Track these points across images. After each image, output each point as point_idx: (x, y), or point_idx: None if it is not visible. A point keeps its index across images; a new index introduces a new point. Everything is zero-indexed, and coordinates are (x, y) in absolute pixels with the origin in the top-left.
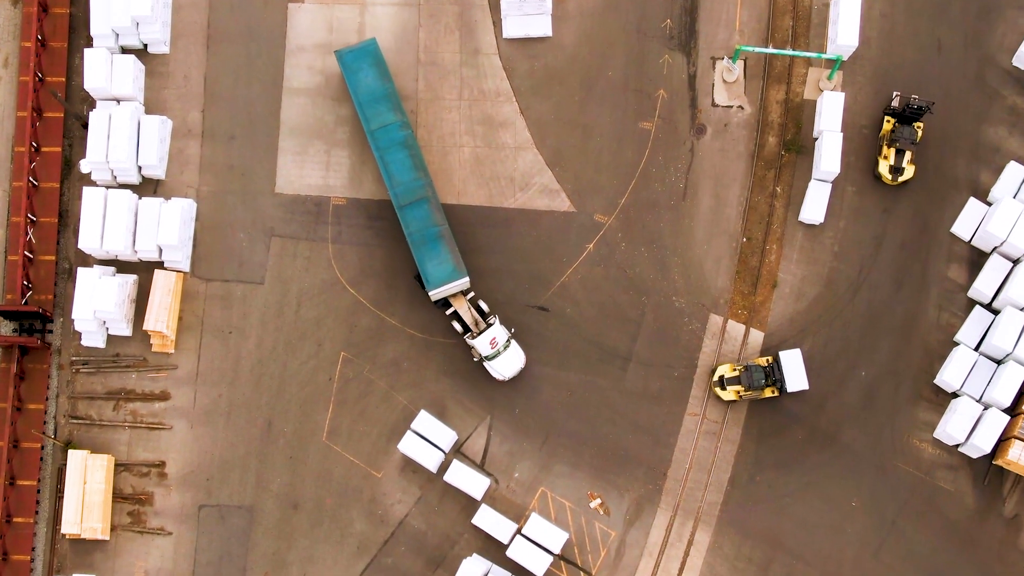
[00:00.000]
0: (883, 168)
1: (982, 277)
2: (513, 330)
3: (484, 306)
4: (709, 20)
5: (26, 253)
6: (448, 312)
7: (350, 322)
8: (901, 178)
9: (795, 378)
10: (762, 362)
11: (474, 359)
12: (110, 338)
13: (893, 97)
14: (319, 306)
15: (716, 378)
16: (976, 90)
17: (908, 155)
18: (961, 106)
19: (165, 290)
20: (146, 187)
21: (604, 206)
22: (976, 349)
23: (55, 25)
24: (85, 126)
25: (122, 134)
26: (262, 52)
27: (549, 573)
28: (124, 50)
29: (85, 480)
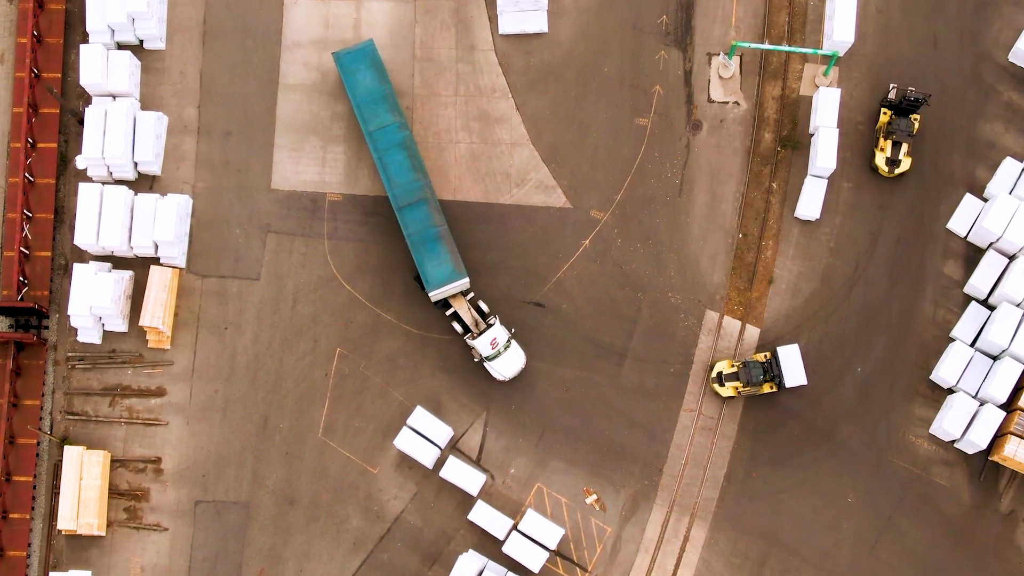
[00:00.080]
0: (879, 160)
1: (978, 273)
2: (513, 330)
3: (484, 306)
4: (705, 16)
5: (22, 249)
6: (448, 313)
7: (346, 318)
8: (897, 170)
9: (793, 373)
10: (760, 358)
11: (474, 359)
12: (106, 334)
13: (890, 89)
14: (315, 302)
15: (714, 374)
16: (972, 86)
17: (905, 147)
18: (957, 102)
19: (161, 286)
20: (142, 183)
21: (600, 202)
22: (972, 345)
23: (51, 21)
24: (81, 122)
25: (118, 130)
26: (258, 48)
27: (545, 569)
28: (120, 46)
29: (81, 476)
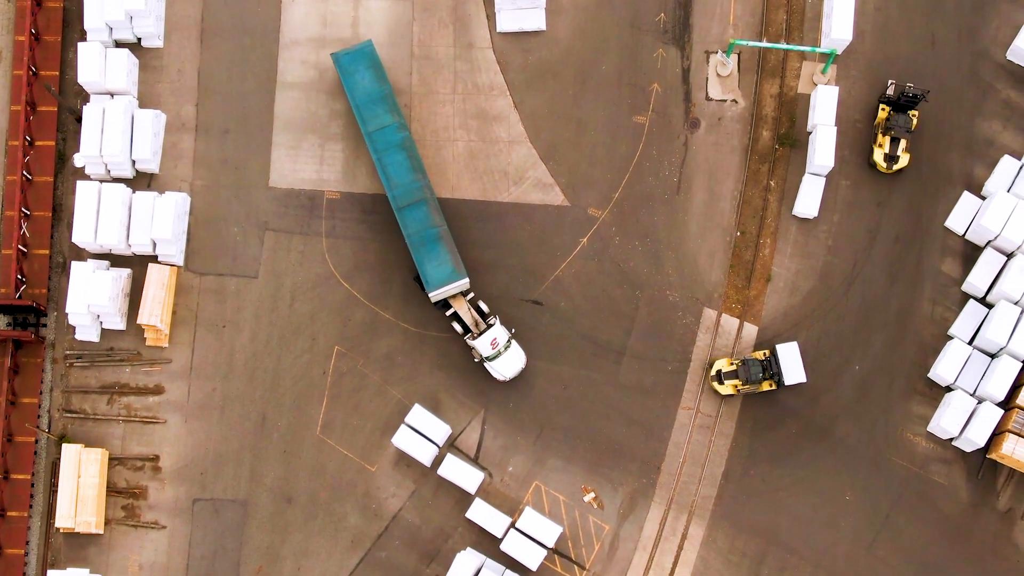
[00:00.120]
0: (878, 156)
1: (976, 271)
2: (513, 330)
3: (484, 307)
4: (703, 14)
5: (20, 247)
6: (448, 313)
7: (344, 316)
8: (896, 166)
9: (792, 371)
10: (759, 356)
11: (475, 360)
12: (104, 332)
13: (888, 85)
14: (313, 300)
15: (713, 372)
16: (970, 84)
17: (903, 143)
18: (955, 100)
19: (159, 284)
20: (140, 181)
21: (598, 200)
22: (970, 343)
23: (49, 19)
24: (79, 120)
25: (116, 128)
26: (256, 46)
27: (543, 567)
28: (118, 44)
29: (79, 474)
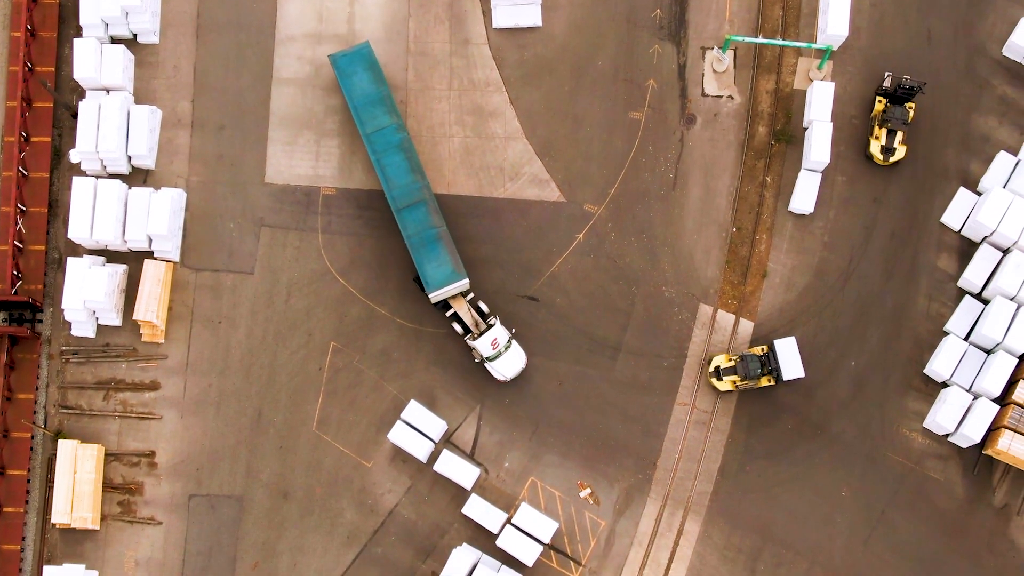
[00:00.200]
0: (874, 148)
1: (972, 267)
2: (514, 330)
3: (484, 307)
4: (699, 10)
5: (16, 243)
6: (448, 314)
7: (340, 312)
8: (892, 158)
9: (791, 366)
10: (757, 351)
11: (475, 360)
12: (100, 328)
13: (885, 77)
14: (309, 296)
15: (712, 369)
16: (966, 80)
17: (899, 135)
18: (951, 96)
19: (155, 280)
20: (136, 177)
21: (594, 196)
22: (966, 339)
23: (44, 15)
24: (75, 116)
25: (112, 124)
26: (252, 42)
27: (539, 563)
28: (114, 40)
29: (75, 470)
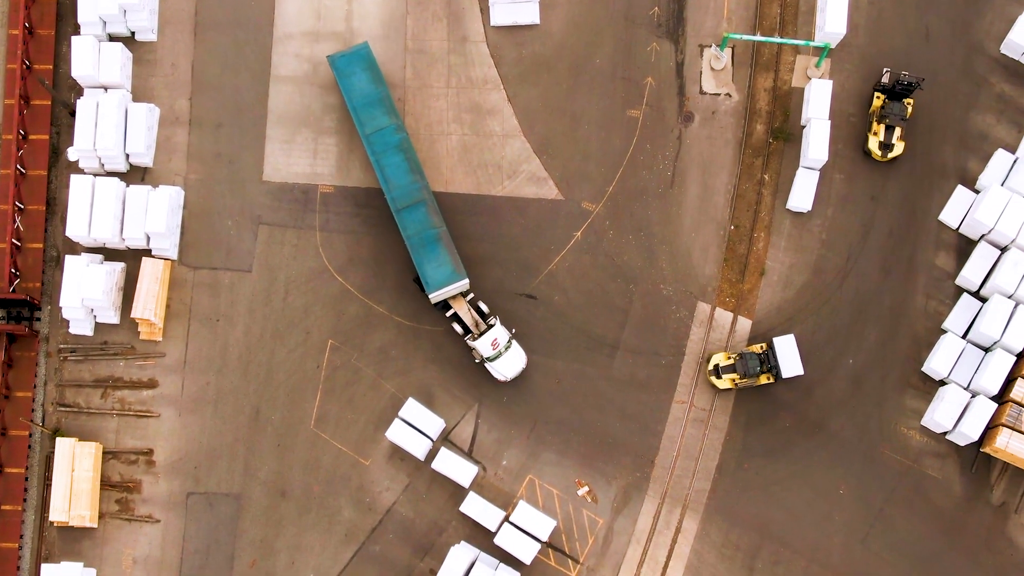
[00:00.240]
0: (872, 144)
1: (970, 265)
2: (514, 330)
3: (484, 307)
4: (697, 8)
5: (14, 241)
6: (448, 314)
7: (338, 310)
8: (891, 154)
9: (790, 364)
10: (756, 349)
11: (475, 360)
12: (98, 326)
13: (883, 73)
14: (307, 294)
15: (711, 367)
16: (964, 78)
17: (898, 131)
18: (949, 94)
19: (153, 278)
20: (134, 175)
21: (592, 194)
22: (964, 337)
23: (42, 12)
24: (73, 114)
25: (109, 122)
26: (249, 40)
27: (537, 560)
28: (112, 38)
29: (73, 468)
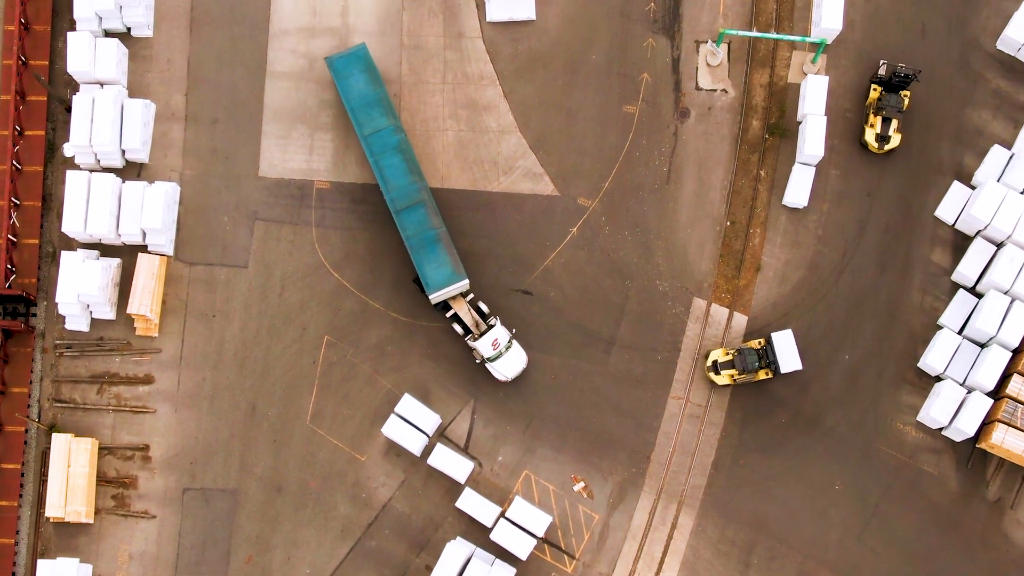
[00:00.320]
0: (869, 136)
1: (966, 261)
2: (515, 330)
3: (484, 307)
4: (693, 3)
5: (9, 237)
6: (448, 315)
7: (334, 306)
8: (887, 146)
9: (788, 359)
10: (755, 344)
11: (476, 360)
12: (94, 322)
13: (880, 65)
14: (303, 290)
15: (709, 363)
16: (960, 73)
17: (895, 123)
18: (945, 89)
19: (149, 274)
20: (129, 171)
21: (588, 190)
22: (960, 333)
23: (38, 8)
24: (68, 110)
25: (105, 118)
26: (245, 36)
27: (533, 556)
28: (107, 33)
29: (69, 463)
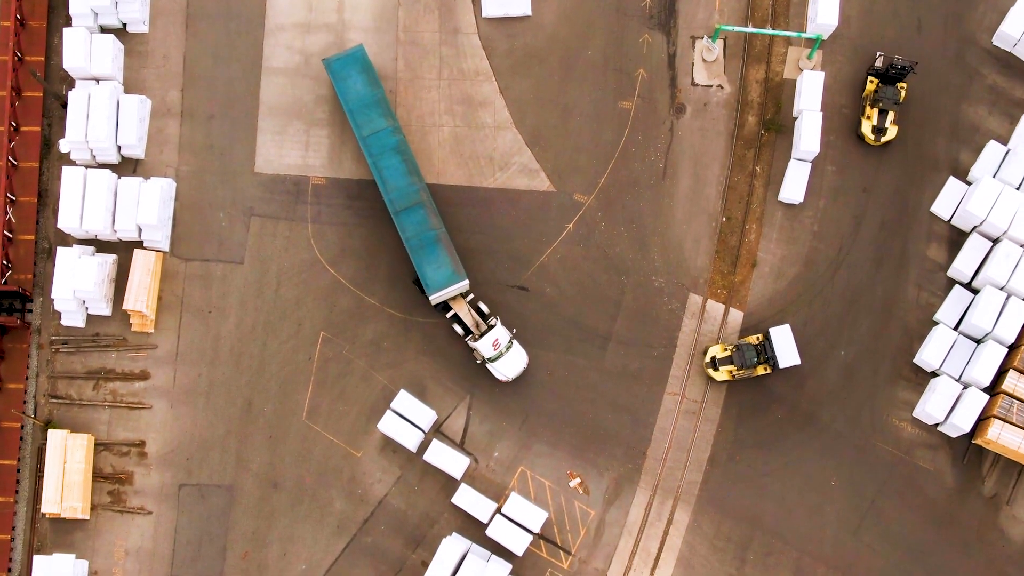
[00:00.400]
0: (866, 128)
1: (962, 256)
2: (515, 330)
3: (484, 308)
4: None
5: (5, 233)
6: (448, 315)
7: (330, 302)
8: (884, 138)
9: (786, 354)
10: (753, 340)
11: (476, 361)
12: (90, 318)
13: (877, 57)
14: (298, 286)
15: (707, 359)
16: (956, 69)
17: (891, 115)
18: (941, 85)
19: (144, 270)
20: (125, 167)
21: (584, 186)
22: (956, 328)
23: (34, 4)
24: (64, 106)
25: (101, 114)
26: (241, 31)
27: (529, 552)
28: (103, 29)
29: (65, 459)
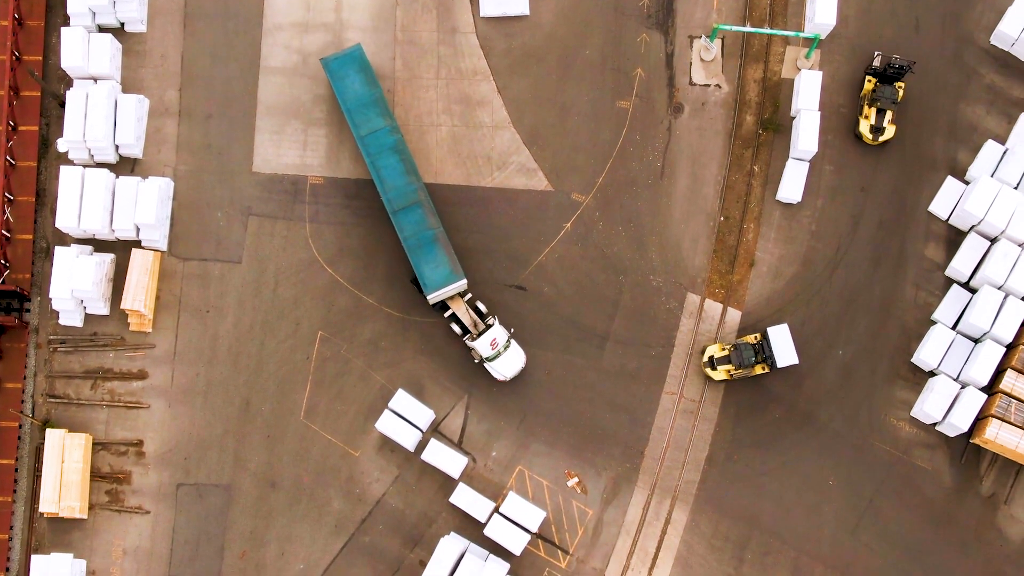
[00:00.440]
0: (864, 128)
1: (959, 256)
2: (513, 330)
3: (482, 307)
4: None
5: (3, 232)
6: (447, 315)
7: (327, 301)
8: (882, 138)
9: (784, 353)
10: (751, 339)
11: (474, 360)
12: (88, 317)
13: (875, 56)
14: (296, 285)
15: (706, 359)
16: (954, 69)
17: (889, 115)
18: (939, 85)
19: (142, 269)
20: (123, 166)
21: (581, 185)
22: (953, 328)
23: (32, 3)
24: (62, 105)
25: (99, 113)
26: (239, 31)
27: (527, 552)
28: (101, 29)
29: (63, 459)
